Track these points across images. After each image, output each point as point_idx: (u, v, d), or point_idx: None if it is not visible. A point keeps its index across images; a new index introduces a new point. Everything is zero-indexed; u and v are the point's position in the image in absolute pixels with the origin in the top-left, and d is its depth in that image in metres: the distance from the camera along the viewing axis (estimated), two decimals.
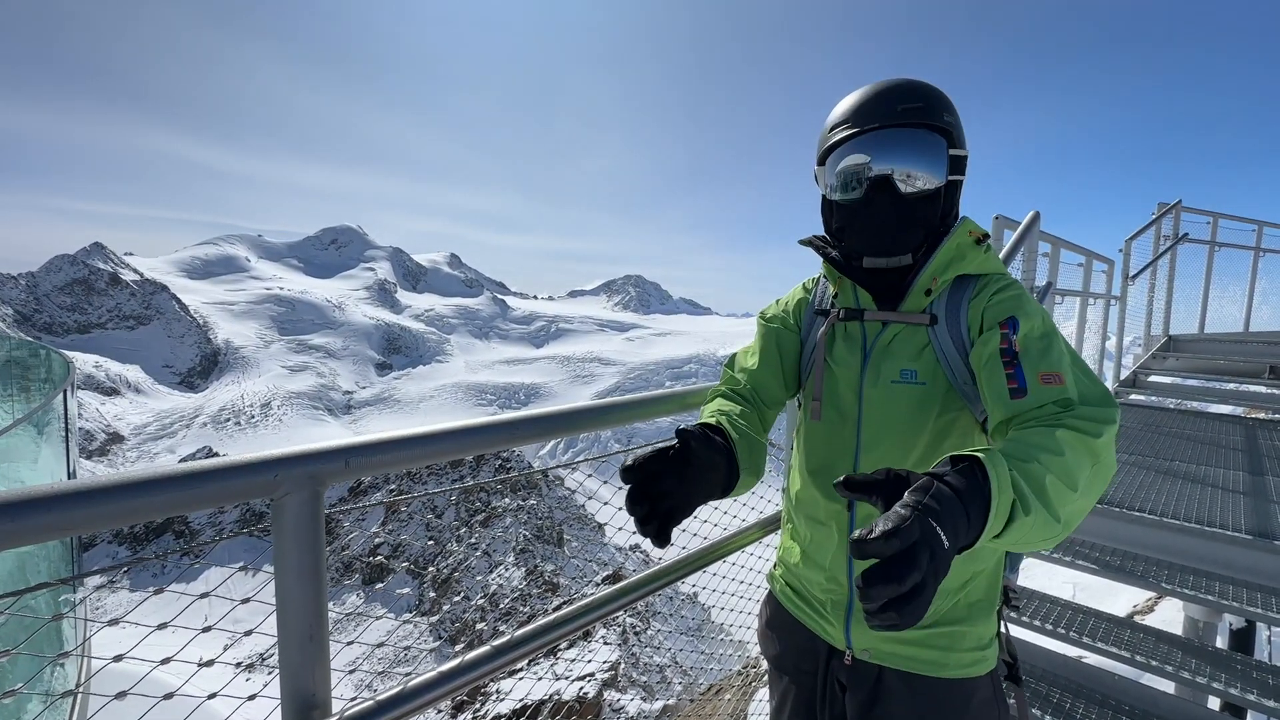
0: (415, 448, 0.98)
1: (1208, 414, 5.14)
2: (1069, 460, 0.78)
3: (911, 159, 1.08)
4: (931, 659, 1.09)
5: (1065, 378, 0.93)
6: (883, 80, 1.13)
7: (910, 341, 1.11)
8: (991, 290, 1.08)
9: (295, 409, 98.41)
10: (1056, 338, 1.00)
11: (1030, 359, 0.95)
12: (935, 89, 1.11)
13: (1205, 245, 6.64)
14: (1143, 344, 6.29)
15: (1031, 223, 3.37)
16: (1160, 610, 4.45)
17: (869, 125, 1.09)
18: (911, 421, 1.09)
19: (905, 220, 1.10)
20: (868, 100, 1.11)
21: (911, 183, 1.08)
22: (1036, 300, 1.09)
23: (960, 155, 1.11)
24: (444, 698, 0.96)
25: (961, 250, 1.11)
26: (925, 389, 1.08)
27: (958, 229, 1.13)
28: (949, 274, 1.10)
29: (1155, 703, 2.13)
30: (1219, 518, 2.66)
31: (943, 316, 1.10)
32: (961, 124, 1.13)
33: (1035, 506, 0.72)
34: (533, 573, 26.36)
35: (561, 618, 1.18)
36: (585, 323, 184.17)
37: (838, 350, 1.18)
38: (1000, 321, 1.01)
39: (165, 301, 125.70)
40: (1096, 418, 0.87)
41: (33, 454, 4.49)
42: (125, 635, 0.85)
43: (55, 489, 0.66)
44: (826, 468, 1.18)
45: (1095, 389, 0.94)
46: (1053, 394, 0.91)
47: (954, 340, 1.08)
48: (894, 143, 1.08)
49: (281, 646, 0.84)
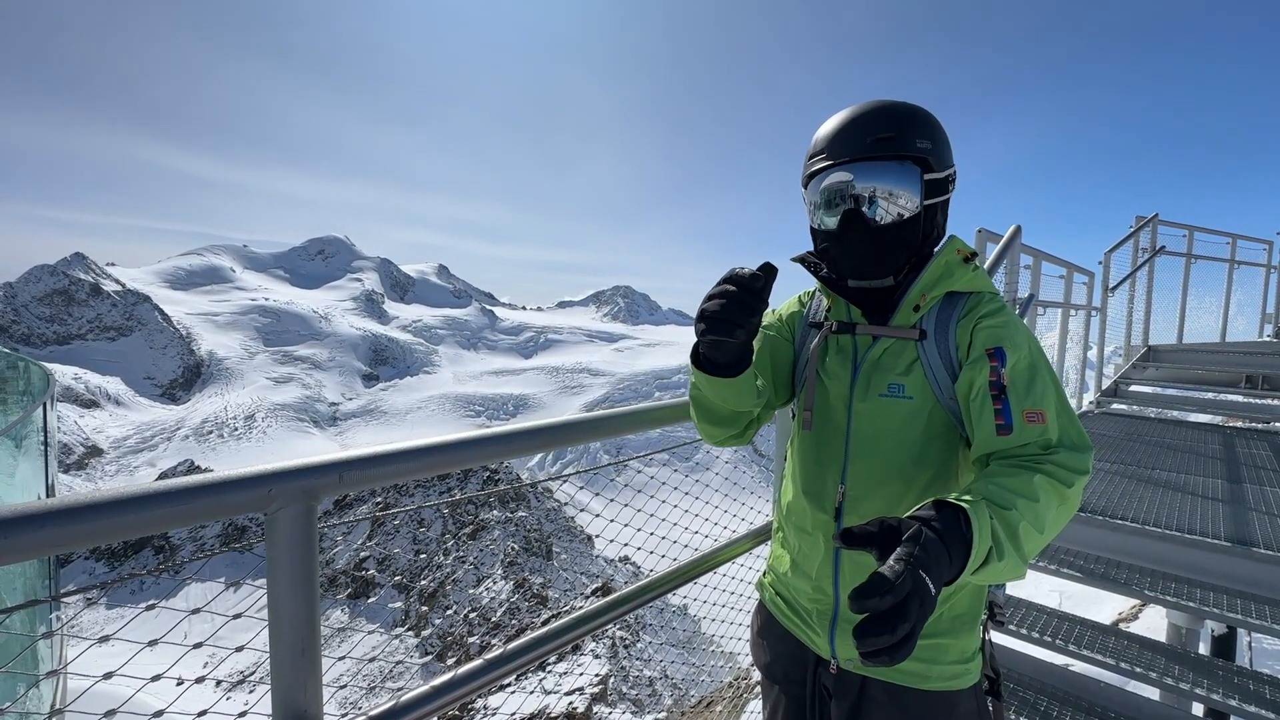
0: (409, 461, 0.98)
1: (1187, 423, 5.24)
2: (1041, 507, 0.86)
3: (882, 191, 1.09)
4: (915, 671, 1.11)
5: (1048, 415, 0.97)
6: (861, 105, 1.14)
7: (900, 356, 1.14)
8: (981, 312, 1.10)
9: (280, 421, 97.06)
10: (1042, 368, 1.03)
11: (1017, 394, 0.99)
12: (912, 112, 1.12)
13: (1182, 258, 6.80)
14: (1123, 354, 6.41)
15: (1013, 236, 3.44)
16: (1144, 617, 4.51)
17: (840, 158, 1.10)
18: (899, 434, 1.11)
19: (881, 248, 1.12)
20: (841, 130, 1.12)
21: (885, 213, 1.10)
22: (1022, 321, 1.11)
23: (940, 179, 1.12)
24: (435, 713, 0.96)
25: (950, 268, 1.14)
26: (913, 403, 1.11)
27: (945, 247, 1.16)
28: (937, 290, 1.13)
29: (1140, 709, 2.16)
30: (1199, 525, 2.71)
31: (931, 332, 1.12)
32: (946, 141, 1.14)
33: (1009, 551, 0.80)
34: (521, 585, 26.08)
35: (553, 631, 1.18)
36: (574, 333, 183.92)
37: (830, 363, 1.21)
38: (989, 350, 1.04)
39: (148, 312, 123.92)
40: (1072, 466, 0.93)
41: (9, 468, 4.39)
42: (103, 656, 0.84)
43: (47, 506, 0.66)
44: (816, 477, 1.20)
45: (1073, 430, 0.99)
46: (1035, 434, 0.96)
47: (942, 357, 1.11)
48: (865, 175, 1.09)
49: (274, 662, 0.84)
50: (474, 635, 23.92)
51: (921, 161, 1.10)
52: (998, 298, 1.15)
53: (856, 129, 1.11)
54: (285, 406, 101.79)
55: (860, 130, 1.10)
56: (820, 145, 1.15)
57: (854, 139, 1.10)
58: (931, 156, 1.10)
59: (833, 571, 1.16)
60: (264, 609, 0.85)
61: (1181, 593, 2.45)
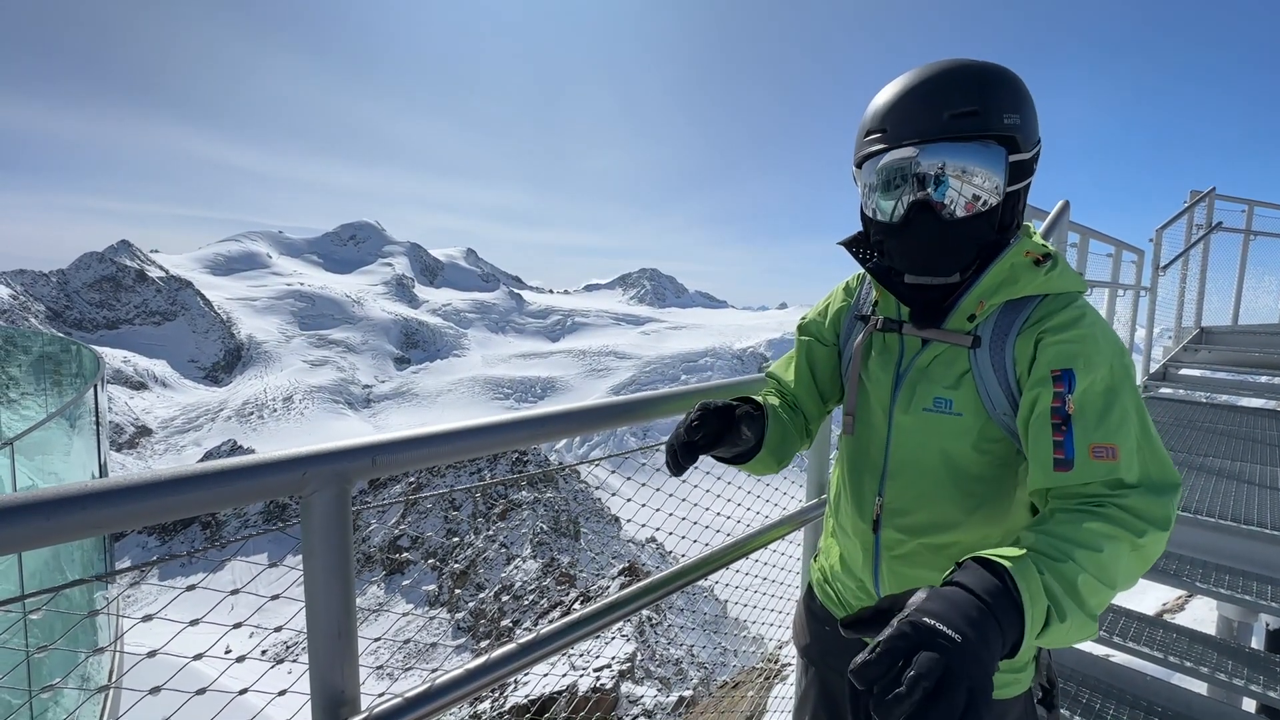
0: (440, 445, 0.98)
1: (1240, 408, 5.00)
2: (1106, 557, 0.73)
3: (961, 179, 0.93)
4: None
5: (1120, 451, 0.81)
6: (932, 68, 0.94)
7: (950, 365, 1.00)
8: (1050, 324, 0.92)
9: (316, 403, 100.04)
10: (1123, 394, 0.86)
11: (1084, 424, 0.84)
12: (999, 78, 0.93)
13: (1240, 234, 6.44)
14: (1173, 336, 6.13)
15: (1060, 212, 3.29)
16: (1190, 609, 4.35)
17: (909, 138, 0.93)
18: (943, 452, 1.00)
19: (951, 242, 0.96)
20: (910, 101, 0.94)
21: (960, 206, 0.94)
22: (1108, 329, 0.93)
23: (1025, 159, 0.95)
24: (470, 695, 0.97)
25: (1015, 273, 0.96)
26: (960, 421, 0.98)
27: (1013, 249, 0.97)
28: (997, 298, 0.97)
29: (1188, 704, 2.08)
30: (1255, 515, 2.59)
31: (987, 340, 0.97)
32: (1034, 110, 0.96)
33: (1070, 609, 0.69)
34: (549, 565, 26.57)
35: (587, 615, 1.18)
36: (601, 316, 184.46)
37: (873, 365, 1.10)
38: (1054, 372, 0.88)
39: (190, 298, 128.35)
40: (1147, 513, 0.78)
41: (65, 446, 4.61)
42: (155, 628, 0.87)
43: (93, 487, 0.67)
44: (855, 484, 1.14)
45: (1155, 468, 0.83)
46: (1102, 471, 0.81)
47: (995, 369, 0.96)
48: (940, 160, 0.92)
49: (311, 643, 0.85)
50: (506, 617, 24.52)
51: (1008, 140, 0.92)
52: (1076, 302, 0.95)
53: (929, 101, 0.92)
54: (321, 389, 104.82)
55: (934, 103, 0.92)
56: (881, 119, 0.97)
57: (925, 114, 0.92)
58: (1019, 134, 0.93)
59: (873, 577, 1.12)
60: (302, 586, 0.86)
61: (1236, 585, 2.34)
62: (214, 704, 0.87)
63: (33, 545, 0.64)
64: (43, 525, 0.63)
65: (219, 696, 0.86)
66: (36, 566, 3.51)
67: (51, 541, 0.64)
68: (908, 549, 1.06)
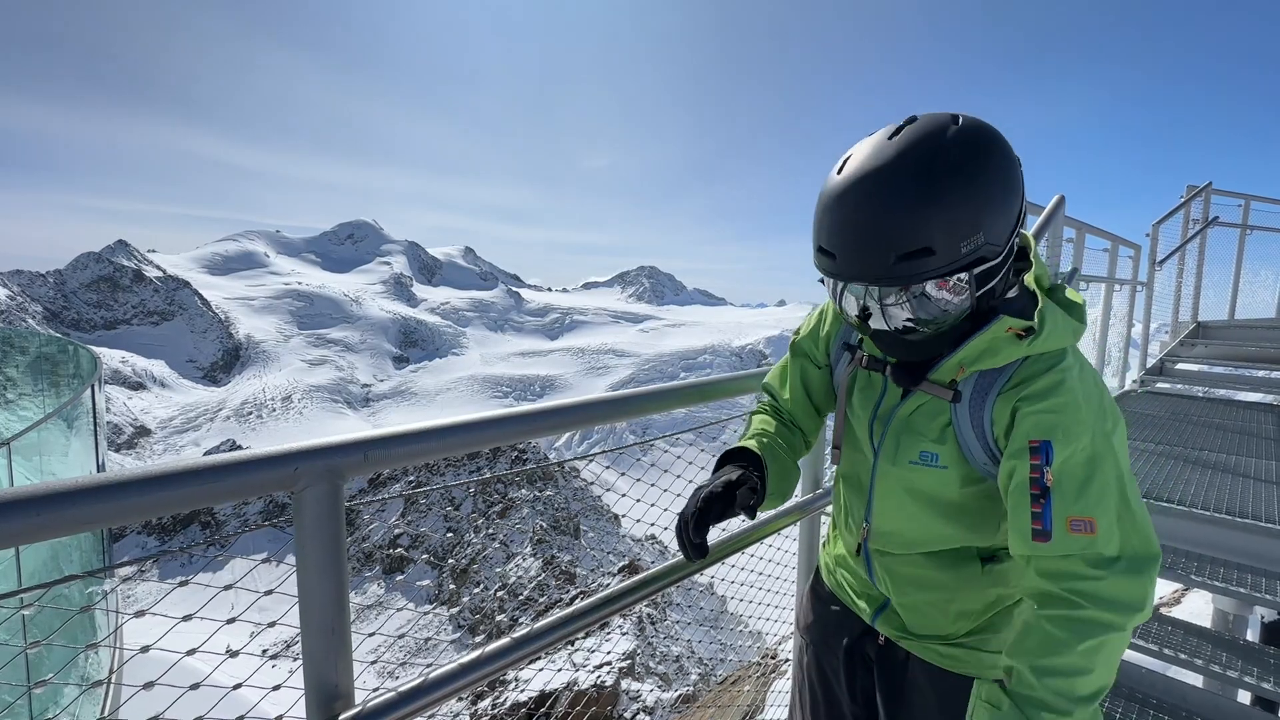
0: (433, 440, 0.98)
1: (1237, 402, 5.01)
2: (1099, 669, 0.81)
3: (916, 311, 0.88)
4: (959, 656, 1.10)
5: (1099, 524, 0.83)
6: (872, 185, 0.83)
7: (934, 417, 1.00)
8: (1029, 390, 0.90)
9: (315, 402, 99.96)
10: (1104, 464, 0.85)
11: (1063, 496, 0.84)
12: (951, 191, 0.81)
13: (1236, 229, 6.45)
14: (1170, 331, 6.14)
15: (1056, 207, 3.29)
16: (1187, 602, 4.37)
17: (857, 279, 0.87)
18: (928, 498, 1.03)
19: (919, 347, 0.95)
20: (851, 235, 0.85)
21: (919, 330, 0.91)
22: (1093, 392, 0.90)
23: (998, 264, 0.88)
24: (465, 689, 0.97)
25: (996, 345, 0.93)
26: (945, 473, 0.99)
27: (994, 326, 0.91)
28: (978, 365, 0.95)
29: (1184, 696, 2.09)
30: (1250, 508, 2.60)
31: (967, 396, 0.96)
32: (1003, 199, 0.85)
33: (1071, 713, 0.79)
34: (550, 563, 26.60)
35: (582, 609, 1.18)
36: (599, 314, 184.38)
37: (855, 401, 1.13)
38: (1033, 443, 0.86)
39: (188, 297, 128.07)
40: (1128, 599, 0.81)
41: (63, 447, 4.61)
42: (154, 624, 0.87)
43: (83, 483, 0.67)
44: (846, 500, 1.21)
45: (1136, 539, 0.84)
46: (1080, 545, 0.83)
47: (974, 426, 0.96)
48: (890, 300, 0.87)
49: (304, 639, 0.85)
50: (503, 612, 24.54)
51: (974, 260, 0.85)
52: (1060, 364, 0.91)
53: (873, 239, 0.83)
54: (320, 388, 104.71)
55: (879, 244, 0.83)
56: (828, 238, 0.88)
57: (871, 256, 0.84)
58: (986, 248, 0.85)
59: (869, 574, 1.18)
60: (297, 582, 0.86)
61: (1231, 578, 2.35)
62: (210, 700, 0.87)
63: (28, 540, 0.64)
64: (36, 520, 0.63)
65: (215, 692, 0.86)
66: (35, 566, 3.51)
67: (46, 536, 0.64)
68: (896, 556, 1.12)
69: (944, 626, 1.09)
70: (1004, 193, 0.85)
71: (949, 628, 1.09)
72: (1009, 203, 0.86)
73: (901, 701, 1.15)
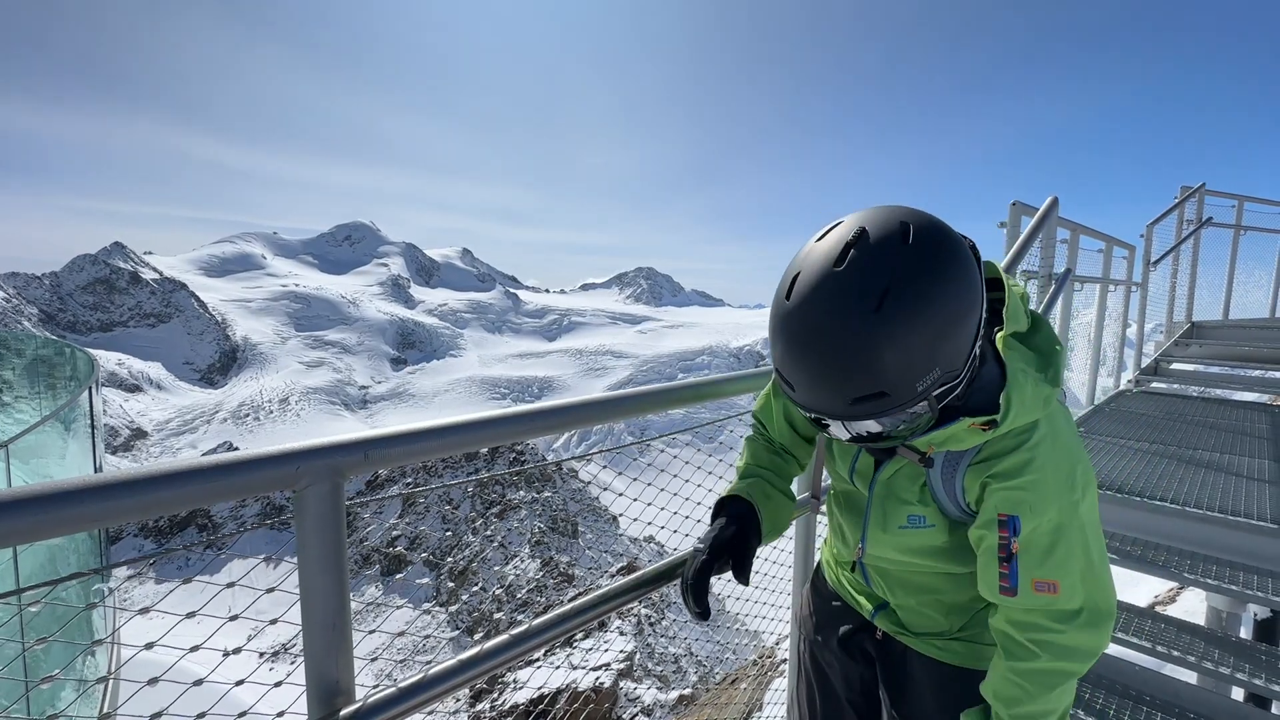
0: (433, 440, 0.99)
1: (1232, 401, 5.04)
2: (1064, 708, 0.94)
3: (882, 430, 0.90)
4: (957, 649, 1.14)
5: (1061, 585, 0.89)
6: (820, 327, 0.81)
7: (914, 480, 1.05)
8: (997, 468, 0.92)
9: (312, 404, 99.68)
10: (1069, 533, 0.89)
11: (1029, 561, 0.90)
12: (900, 335, 0.79)
13: (1230, 229, 6.48)
14: (1164, 331, 6.17)
15: (1050, 208, 3.30)
16: (1182, 600, 4.39)
17: (816, 413, 0.88)
18: (919, 552, 1.08)
19: (881, 448, 1.03)
20: (807, 372, 0.83)
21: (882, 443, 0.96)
22: (1063, 463, 0.91)
23: (958, 383, 0.88)
24: (464, 685, 0.98)
25: (959, 435, 0.94)
26: (934, 530, 1.04)
27: (955, 425, 0.92)
28: (944, 448, 0.98)
29: (1178, 694, 2.10)
30: (1244, 507, 2.62)
31: (939, 464, 1.00)
32: (957, 323, 0.82)
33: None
34: (548, 564, 26.57)
35: (578, 607, 1.19)
36: (597, 315, 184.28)
37: (835, 451, 1.20)
38: (1001, 516, 0.91)
39: (184, 299, 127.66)
40: (1085, 648, 0.91)
41: (61, 450, 4.60)
42: (152, 625, 0.88)
43: (84, 482, 0.68)
44: (839, 520, 1.26)
45: (1098, 595, 0.91)
46: (1042, 602, 0.90)
47: (946, 491, 1.00)
48: (852, 426, 0.89)
49: (306, 635, 0.86)
50: (501, 611, 24.51)
51: (932, 393, 0.85)
52: (1028, 442, 0.91)
53: (827, 383, 0.83)
54: (317, 390, 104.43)
55: (832, 387, 0.83)
56: (782, 368, 0.87)
57: (827, 395, 0.84)
58: (944, 377, 0.84)
59: (864, 579, 1.24)
60: (299, 580, 0.88)
61: (1224, 576, 2.37)
62: (205, 701, 0.88)
63: (32, 538, 0.65)
64: (40, 518, 0.64)
65: (212, 693, 0.87)
66: (32, 569, 3.50)
67: (55, 534, 0.65)
68: (891, 571, 1.17)
69: (940, 623, 1.15)
70: (959, 317, 0.82)
71: (944, 624, 1.14)
72: (965, 323, 0.83)
73: (902, 691, 1.19)
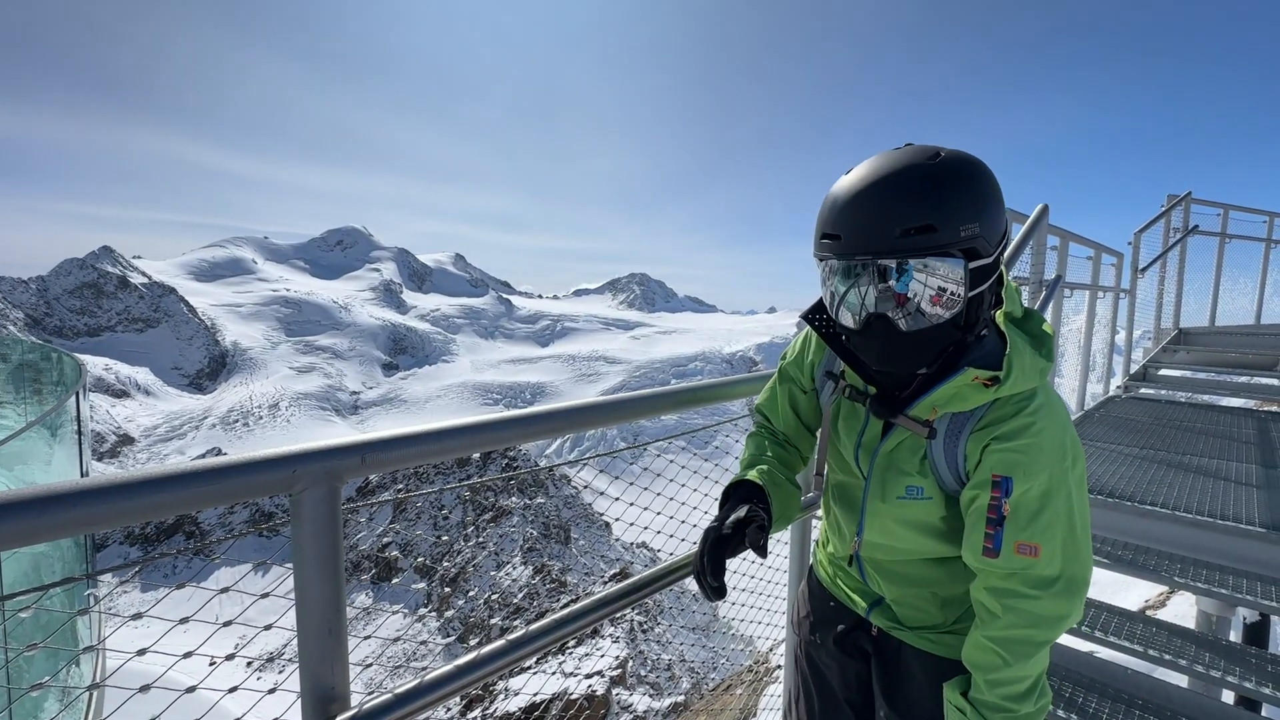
0: (429, 443, 0.99)
1: (1219, 407, 5.10)
2: (1041, 670, 0.98)
3: (916, 294, 0.90)
4: (950, 643, 1.15)
5: (1043, 550, 0.93)
6: (886, 165, 0.89)
7: (914, 453, 1.06)
8: (998, 431, 0.96)
9: (303, 409, 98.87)
10: (1057, 499, 0.93)
11: (1015, 524, 0.94)
12: (956, 180, 0.88)
13: (1216, 237, 6.58)
14: (1153, 337, 6.24)
15: (1040, 216, 3.35)
16: (1173, 605, 4.42)
17: (861, 254, 0.90)
18: (916, 526, 1.10)
19: (910, 348, 0.96)
20: (861, 211, 0.89)
21: (917, 319, 0.92)
22: (1057, 430, 0.95)
23: (988, 264, 0.91)
24: (459, 691, 0.97)
25: (962, 393, 0.98)
26: (930, 503, 1.06)
27: (960, 377, 0.95)
28: (948, 409, 1.00)
29: (1169, 696, 2.12)
30: (1232, 511, 2.64)
31: (942, 433, 1.02)
32: (997, 201, 0.91)
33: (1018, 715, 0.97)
34: (540, 571, 26.42)
35: (573, 613, 1.19)
36: (590, 321, 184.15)
37: (840, 428, 1.19)
38: (995, 477, 0.95)
39: (173, 304, 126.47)
40: (1060, 613, 0.94)
41: (46, 456, 4.54)
42: (137, 635, 0.87)
43: (81, 485, 0.67)
44: (836, 513, 1.26)
45: (1075, 565, 0.95)
46: (1022, 564, 0.94)
47: (948, 460, 1.02)
48: (894, 277, 0.90)
49: (301, 641, 0.85)
50: (495, 618, 24.34)
51: (968, 250, 0.89)
52: (1029, 408, 0.96)
53: (881, 214, 0.87)
54: (308, 395, 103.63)
55: (886, 217, 0.87)
56: (833, 223, 0.92)
57: (877, 228, 0.88)
58: (979, 241, 0.89)
59: (860, 575, 1.24)
60: (291, 591, 0.87)
61: (1213, 579, 2.39)
62: (196, 711, 0.87)
63: (28, 542, 0.64)
64: (35, 522, 0.63)
65: (202, 703, 0.86)
66: (15, 577, 3.45)
67: (53, 536, 0.64)
68: (886, 562, 1.18)
69: (934, 616, 1.16)
70: (995, 202, 0.92)
71: (939, 617, 1.16)
72: (999, 213, 0.92)
73: (898, 686, 1.19)
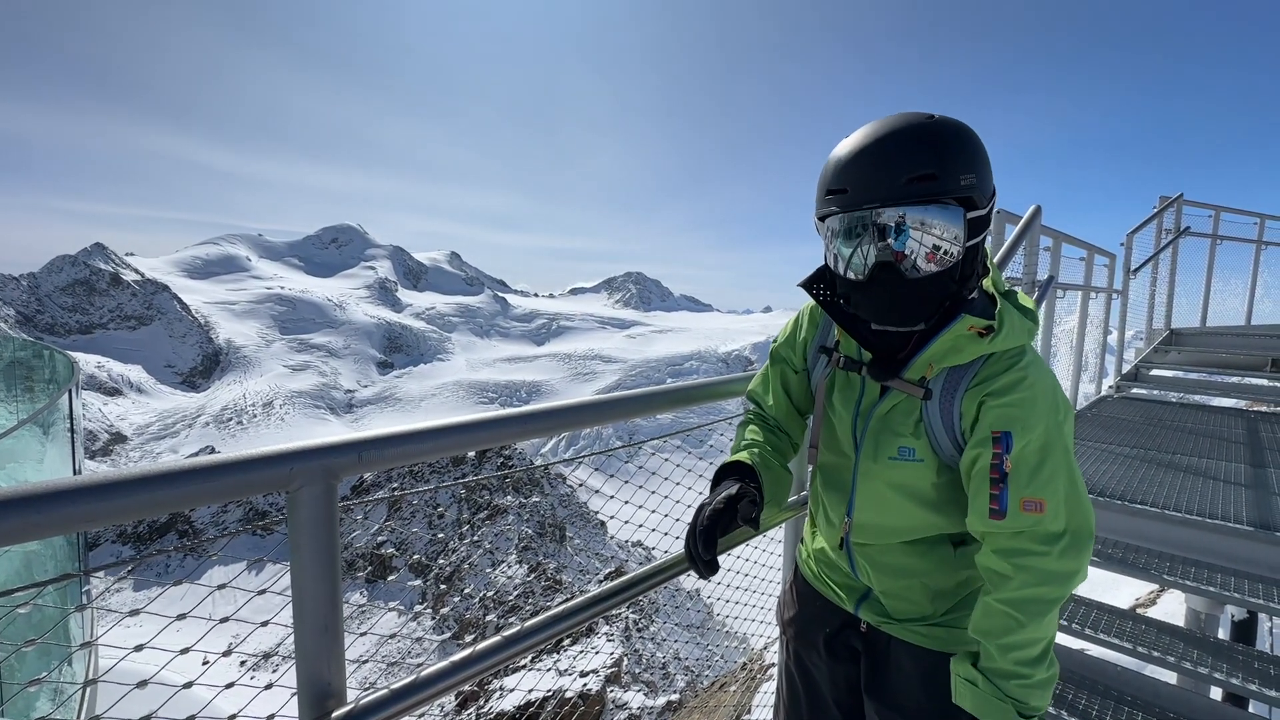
0: (425, 441, 0.99)
1: (1210, 407, 5.14)
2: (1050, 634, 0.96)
3: (920, 241, 0.95)
4: (939, 636, 1.15)
5: (1048, 505, 0.95)
6: (887, 126, 0.95)
7: (909, 414, 1.08)
8: (993, 386, 0.99)
9: (297, 408, 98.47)
10: (1054, 452, 0.97)
11: (1018, 481, 0.96)
12: (955, 136, 0.95)
13: (1207, 239, 6.63)
14: (1144, 338, 6.29)
15: (1033, 217, 3.37)
16: (1162, 603, 4.47)
17: (867, 201, 0.94)
18: (907, 491, 1.10)
19: (914, 296, 0.99)
20: (867, 163, 0.95)
21: (921, 265, 0.97)
22: (1048, 384, 1.00)
23: (982, 215, 0.97)
24: (455, 687, 0.98)
25: (959, 343, 1.01)
26: (922, 465, 1.07)
27: (957, 324, 0.99)
28: (944, 364, 1.04)
29: (1157, 693, 2.14)
30: (1221, 510, 2.67)
31: (937, 393, 1.05)
32: (987, 161, 0.98)
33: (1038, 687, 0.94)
34: (535, 570, 26.41)
35: (567, 610, 1.20)
36: (586, 320, 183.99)
37: (836, 400, 1.18)
38: (995, 433, 0.97)
39: (167, 301, 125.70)
40: (1069, 569, 0.95)
41: (38, 454, 4.51)
42: (129, 633, 0.87)
43: (78, 482, 0.67)
44: (826, 498, 1.26)
45: (1079, 517, 0.97)
46: (1030, 522, 0.95)
47: (944, 421, 1.04)
48: (899, 222, 0.94)
49: (297, 637, 0.86)
50: (490, 615, 24.32)
51: (965, 200, 0.95)
52: (1020, 363, 1.01)
53: (888, 164, 0.93)
54: (302, 394, 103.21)
55: (892, 166, 0.93)
56: (840, 178, 0.97)
57: (884, 177, 0.93)
58: (975, 192, 0.95)
59: (850, 566, 1.23)
60: (287, 589, 0.87)
61: (1202, 577, 2.41)
62: (189, 708, 0.87)
63: (22, 539, 0.64)
64: (34, 519, 0.64)
65: (194, 701, 0.86)
66: (7, 575, 3.43)
67: (40, 535, 0.64)
68: (876, 547, 1.17)
69: (924, 608, 1.16)
70: (985, 159, 0.98)
71: (928, 609, 1.16)
72: (989, 170, 0.98)
73: (886, 682, 1.19)
